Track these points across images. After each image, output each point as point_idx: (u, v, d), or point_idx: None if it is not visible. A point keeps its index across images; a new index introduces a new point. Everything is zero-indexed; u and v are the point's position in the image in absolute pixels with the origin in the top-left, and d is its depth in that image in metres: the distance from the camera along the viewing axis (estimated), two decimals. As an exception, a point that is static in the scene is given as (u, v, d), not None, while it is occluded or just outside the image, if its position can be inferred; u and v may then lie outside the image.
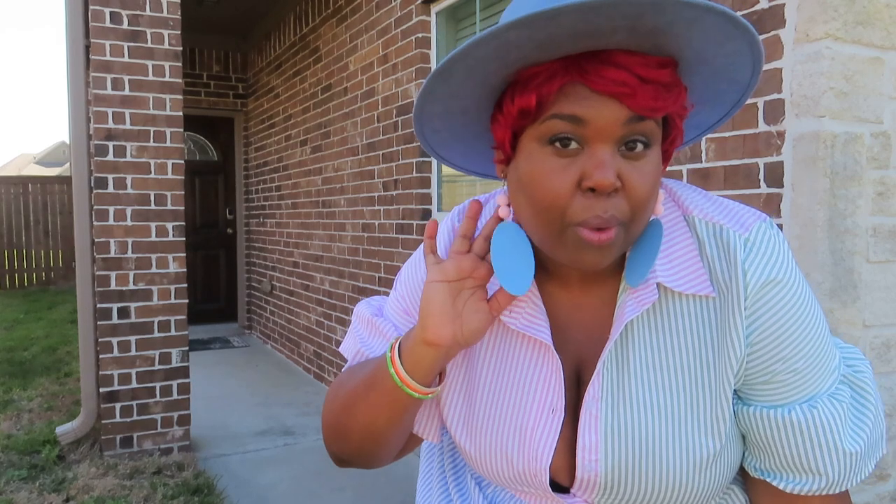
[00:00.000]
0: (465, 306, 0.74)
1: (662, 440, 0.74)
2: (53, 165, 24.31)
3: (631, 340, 0.75)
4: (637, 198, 0.66)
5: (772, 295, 0.70)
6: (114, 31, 3.48)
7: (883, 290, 1.83)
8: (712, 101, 0.76)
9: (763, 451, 0.76)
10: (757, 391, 0.74)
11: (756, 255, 0.71)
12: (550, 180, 0.66)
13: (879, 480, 1.86)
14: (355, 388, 0.80)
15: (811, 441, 0.73)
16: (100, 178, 3.49)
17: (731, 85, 0.73)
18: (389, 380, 0.75)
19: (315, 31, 5.21)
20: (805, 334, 0.72)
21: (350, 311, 4.68)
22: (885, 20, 1.80)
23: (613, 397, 0.75)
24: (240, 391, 4.98)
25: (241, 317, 7.39)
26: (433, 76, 0.66)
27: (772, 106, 1.87)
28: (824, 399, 0.74)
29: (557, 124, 0.65)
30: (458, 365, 0.83)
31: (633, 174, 0.65)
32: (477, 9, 3.45)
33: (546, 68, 0.65)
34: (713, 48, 0.66)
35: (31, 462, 3.39)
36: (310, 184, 5.37)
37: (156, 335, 3.63)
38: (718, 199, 0.77)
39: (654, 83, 0.63)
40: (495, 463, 0.80)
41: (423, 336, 0.72)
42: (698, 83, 0.72)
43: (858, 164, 1.78)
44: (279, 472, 3.46)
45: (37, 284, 10.32)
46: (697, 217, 0.75)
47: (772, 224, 0.74)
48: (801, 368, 0.73)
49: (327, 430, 0.85)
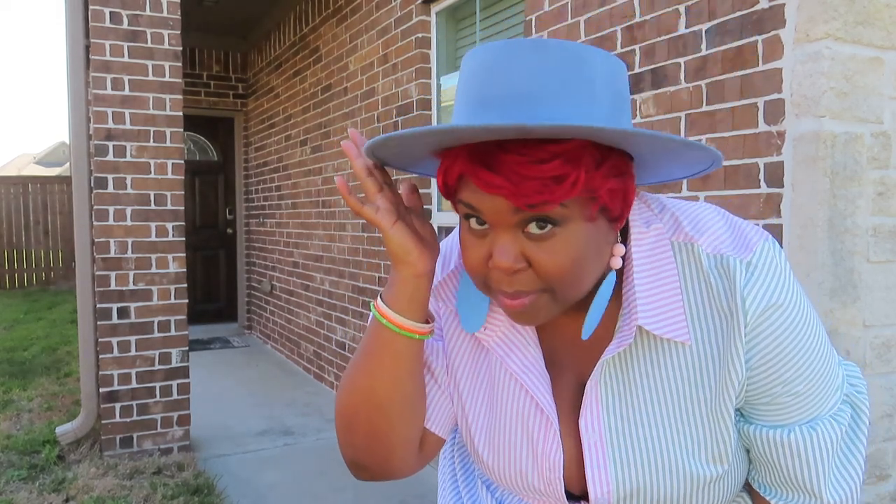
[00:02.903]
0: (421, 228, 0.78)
1: (668, 466, 0.75)
2: (53, 165, 24.30)
3: (630, 366, 0.76)
4: (546, 274, 0.67)
5: (772, 320, 0.70)
6: (114, 31, 3.48)
7: (883, 290, 1.83)
8: (669, 171, 0.76)
9: (764, 467, 0.78)
10: (759, 411, 0.75)
11: (757, 280, 0.71)
12: (469, 251, 0.71)
13: (879, 480, 1.86)
14: (354, 363, 0.81)
15: (809, 463, 0.74)
16: (100, 178, 3.49)
17: (684, 170, 0.75)
18: (385, 332, 0.76)
19: (315, 31, 5.21)
20: (805, 358, 0.72)
21: (350, 311, 4.68)
22: (885, 20, 1.80)
23: (617, 425, 0.76)
24: (240, 391, 4.98)
25: (240, 317, 7.39)
26: (371, 146, 0.70)
27: (772, 106, 1.87)
28: (826, 421, 0.75)
29: (463, 207, 0.70)
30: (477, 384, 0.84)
31: (538, 254, 0.67)
32: (477, 9, 3.45)
33: (452, 155, 0.67)
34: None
35: (30, 462, 3.39)
36: (310, 184, 5.37)
37: (156, 335, 3.63)
38: (721, 218, 0.76)
39: (537, 179, 0.62)
40: (512, 475, 0.81)
41: (415, 270, 0.74)
42: (647, 157, 0.71)
43: (858, 164, 1.78)
44: (279, 472, 3.46)
45: (37, 284, 10.32)
46: (702, 248, 0.74)
47: (774, 244, 0.74)
48: (801, 391, 0.73)
49: (338, 423, 0.83)
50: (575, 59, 0.64)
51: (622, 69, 0.69)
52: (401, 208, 0.75)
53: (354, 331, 4.61)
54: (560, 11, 2.64)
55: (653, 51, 2.24)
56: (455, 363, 0.85)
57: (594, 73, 0.64)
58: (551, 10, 2.68)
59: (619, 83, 0.67)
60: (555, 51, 0.63)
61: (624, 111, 0.68)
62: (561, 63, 0.63)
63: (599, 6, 2.45)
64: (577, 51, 0.64)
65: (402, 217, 0.74)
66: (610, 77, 0.66)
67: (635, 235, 0.75)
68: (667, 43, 2.19)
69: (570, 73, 0.63)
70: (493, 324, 0.80)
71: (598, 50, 0.66)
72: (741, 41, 1.95)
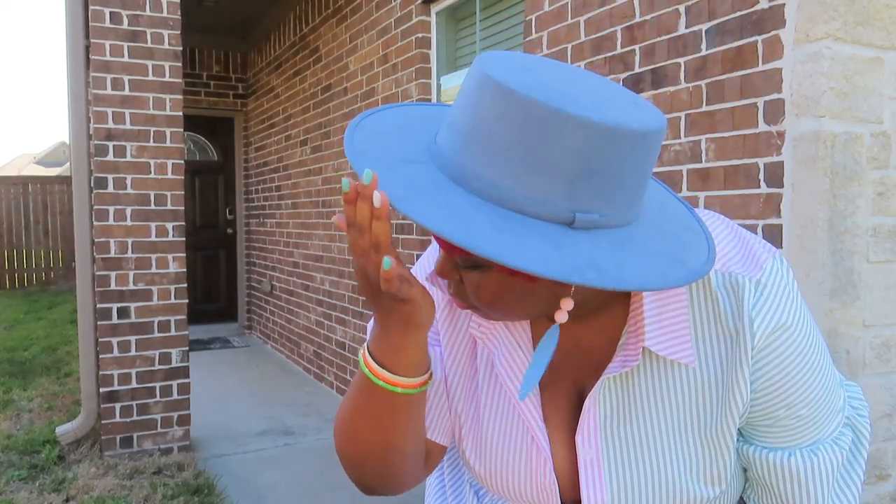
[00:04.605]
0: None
1: (665, 485, 0.73)
2: (53, 165, 24.30)
3: (631, 384, 0.74)
4: (473, 298, 0.68)
5: (780, 342, 0.69)
6: (114, 31, 3.48)
7: (883, 290, 1.83)
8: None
9: (761, 488, 0.77)
10: (759, 432, 0.74)
11: (766, 300, 0.69)
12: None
13: (879, 480, 1.86)
14: (356, 420, 0.76)
15: (809, 488, 0.73)
16: (100, 178, 3.49)
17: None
18: (397, 398, 0.71)
19: (315, 31, 5.21)
20: (811, 380, 0.71)
21: (350, 311, 4.68)
22: (885, 20, 1.80)
23: (614, 443, 0.74)
24: (240, 391, 4.98)
25: (241, 317, 7.39)
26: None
27: (772, 106, 1.87)
28: (827, 445, 0.74)
29: None
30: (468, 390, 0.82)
31: (466, 279, 0.68)
32: (477, 9, 3.45)
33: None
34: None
35: (31, 462, 3.39)
36: (310, 184, 5.37)
37: (156, 335, 3.63)
38: (729, 232, 0.74)
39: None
40: (506, 485, 0.80)
41: (427, 329, 0.69)
42: None
43: (858, 164, 1.78)
44: (279, 472, 3.46)
45: (37, 284, 10.32)
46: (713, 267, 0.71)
47: (783, 260, 0.72)
48: (805, 415, 0.72)
49: (344, 463, 0.80)
50: (537, 123, 0.57)
51: (614, 142, 0.58)
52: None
53: (354, 331, 4.61)
54: (560, 11, 2.64)
55: (653, 51, 2.24)
56: (449, 365, 0.83)
57: (556, 143, 0.57)
58: (551, 10, 2.68)
59: (596, 159, 0.58)
60: (521, 107, 0.57)
61: (590, 189, 0.59)
62: (522, 122, 0.57)
63: (599, 6, 2.45)
64: (546, 115, 0.56)
65: (412, 281, 0.67)
66: (582, 151, 0.57)
67: None
68: (667, 43, 2.19)
69: (527, 136, 0.57)
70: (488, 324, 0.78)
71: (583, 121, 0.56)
72: (741, 41, 1.95)
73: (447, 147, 0.63)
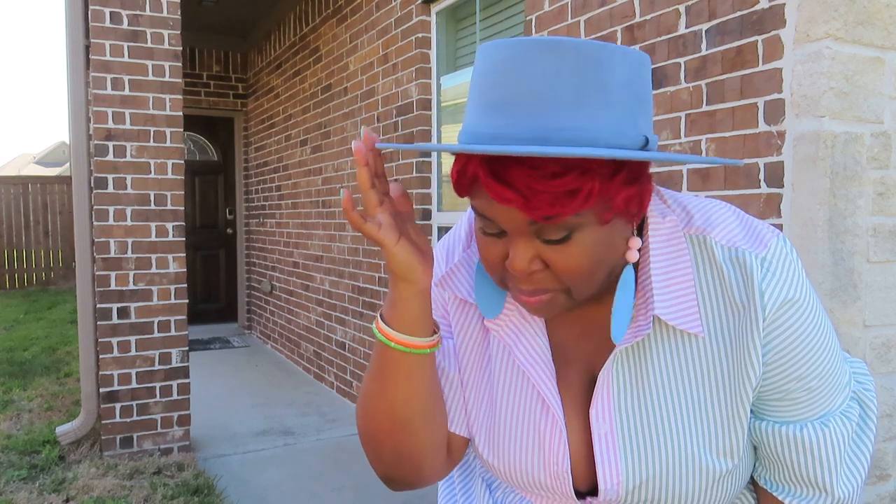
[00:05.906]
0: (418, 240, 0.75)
1: (680, 458, 0.74)
2: (53, 165, 24.30)
3: (643, 357, 0.75)
4: (564, 275, 0.68)
5: (788, 315, 0.71)
6: (114, 31, 3.48)
7: (883, 290, 1.83)
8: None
9: (773, 464, 0.78)
10: (770, 407, 0.75)
11: (773, 274, 0.71)
12: (485, 250, 0.71)
13: (879, 480, 1.86)
14: (368, 387, 0.80)
15: (821, 459, 0.75)
16: (100, 178, 3.49)
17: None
18: (394, 354, 0.74)
19: (315, 31, 5.21)
20: (819, 353, 0.73)
21: (350, 311, 4.68)
22: (885, 20, 1.80)
23: (628, 415, 0.76)
24: (240, 391, 4.98)
25: (241, 317, 7.39)
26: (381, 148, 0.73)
27: (772, 106, 1.87)
28: (836, 417, 0.75)
29: (476, 213, 0.69)
30: (480, 380, 0.84)
31: (554, 257, 0.67)
32: (477, 9, 3.45)
33: (466, 155, 0.67)
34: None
35: (31, 462, 3.39)
36: (310, 184, 5.37)
37: (156, 335, 3.63)
38: (732, 214, 0.77)
39: (549, 193, 0.62)
40: (516, 472, 0.81)
41: (419, 287, 0.72)
42: None
43: (858, 164, 1.78)
44: (279, 472, 3.46)
45: (37, 284, 10.32)
46: (715, 241, 0.74)
47: (787, 241, 0.75)
48: (815, 387, 0.74)
49: (364, 444, 0.83)
50: (591, 62, 0.61)
51: (643, 67, 0.66)
52: (398, 220, 0.72)
53: (354, 331, 4.61)
54: (560, 11, 2.64)
55: (653, 51, 2.24)
56: (462, 358, 0.85)
57: (611, 76, 0.62)
58: (551, 10, 2.68)
59: (638, 84, 0.65)
60: (571, 53, 0.61)
61: (643, 114, 0.66)
62: (576, 66, 0.61)
63: (599, 6, 2.45)
64: (595, 53, 0.62)
65: (403, 232, 0.72)
66: (629, 79, 0.64)
67: (652, 226, 0.75)
68: (667, 43, 2.19)
69: (586, 78, 0.61)
70: (504, 313, 0.80)
71: (617, 48, 0.63)
72: (741, 41, 1.95)
73: (509, 123, 0.62)
